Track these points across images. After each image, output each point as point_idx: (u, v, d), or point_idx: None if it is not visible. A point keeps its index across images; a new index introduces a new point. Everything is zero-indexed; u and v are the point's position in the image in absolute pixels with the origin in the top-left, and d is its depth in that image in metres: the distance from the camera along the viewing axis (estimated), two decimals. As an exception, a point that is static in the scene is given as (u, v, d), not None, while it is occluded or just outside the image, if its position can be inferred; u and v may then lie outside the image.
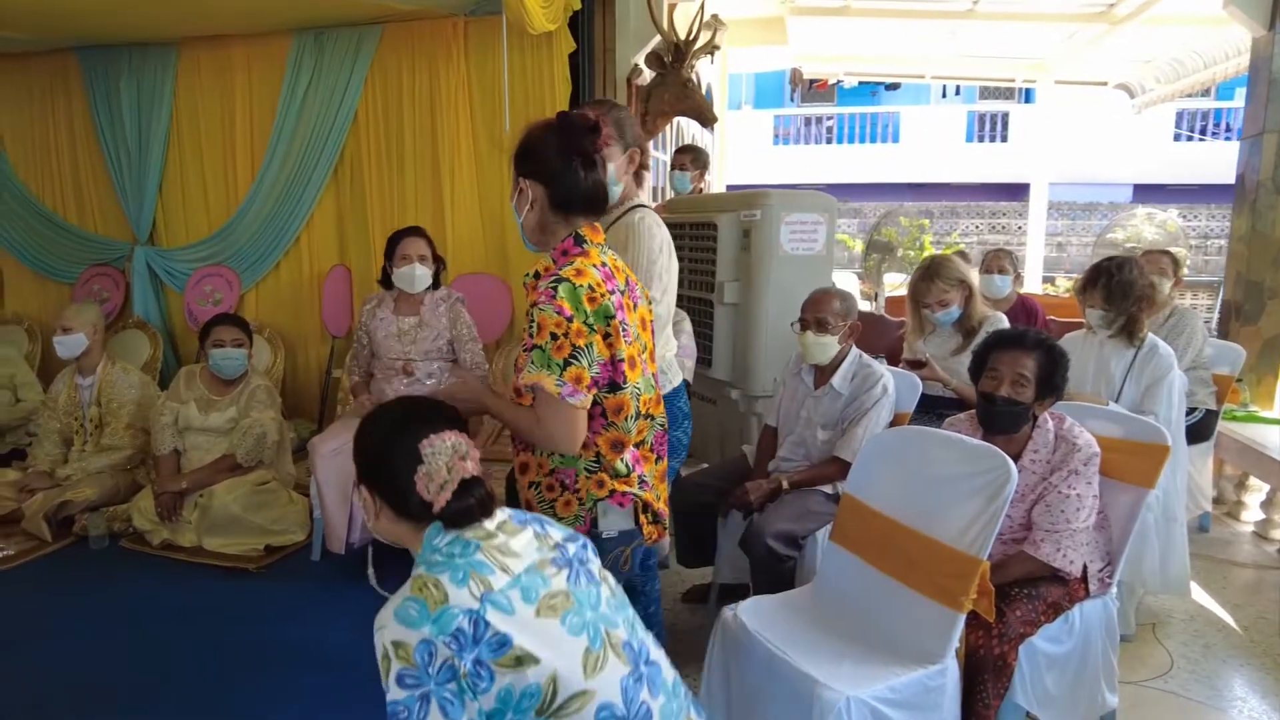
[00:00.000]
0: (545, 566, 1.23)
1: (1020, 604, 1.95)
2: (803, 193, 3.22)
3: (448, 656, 1.09)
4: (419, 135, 4.26)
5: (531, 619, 1.15)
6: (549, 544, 1.28)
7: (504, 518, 1.29)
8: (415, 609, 1.11)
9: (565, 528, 1.37)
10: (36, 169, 5.00)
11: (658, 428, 1.78)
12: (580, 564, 1.28)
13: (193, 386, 3.41)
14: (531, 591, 1.18)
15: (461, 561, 1.17)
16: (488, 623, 1.11)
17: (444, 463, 1.23)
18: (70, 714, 2.23)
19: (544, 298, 1.53)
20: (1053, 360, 2.10)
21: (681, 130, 5.53)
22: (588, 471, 1.65)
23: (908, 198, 14.95)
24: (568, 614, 1.19)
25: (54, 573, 3.10)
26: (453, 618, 1.10)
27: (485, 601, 1.13)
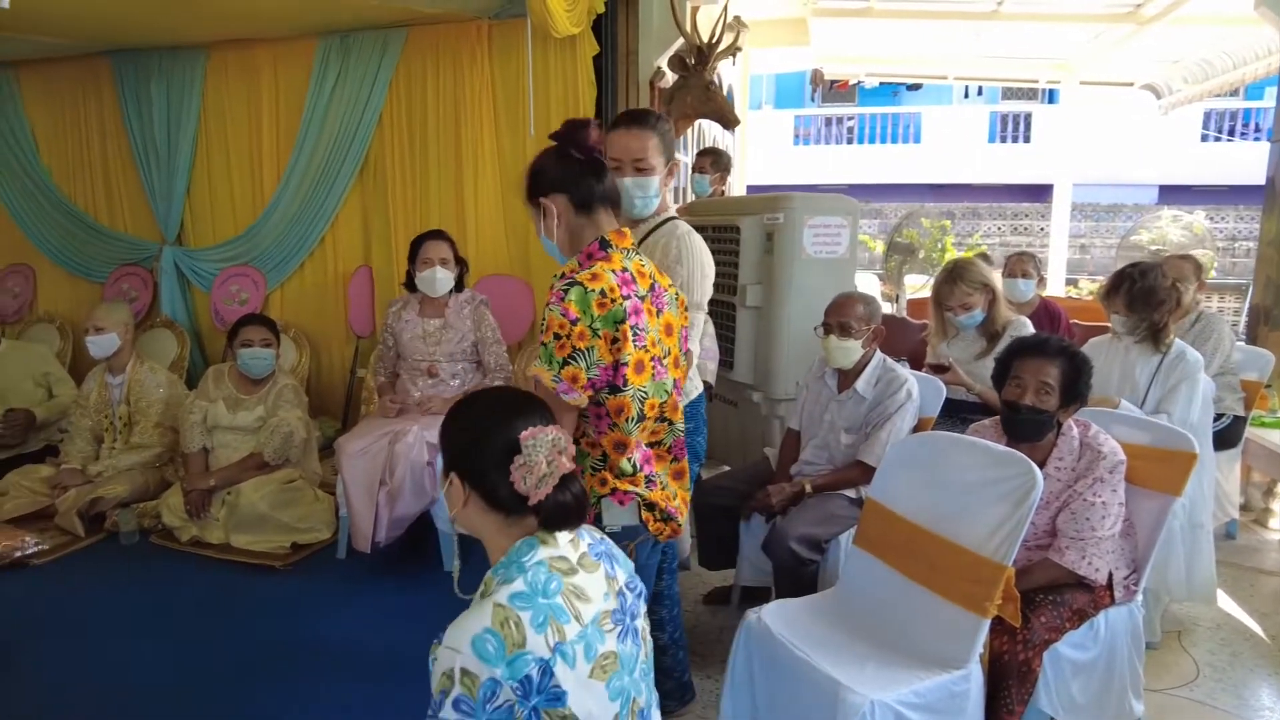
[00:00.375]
0: (605, 621, 1.24)
1: (1045, 610, 1.95)
2: (826, 196, 3.22)
3: (510, 699, 1.10)
4: (443, 138, 4.29)
5: (586, 678, 1.17)
6: (614, 588, 1.29)
7: (585, 548, 1.29)
8: (493, 646, 1.11)
9: (626, 561, 1.38)
10: (69, 171, 5.09)
11: (678, 433, 1.80)
12: (631, 619, 1.30)
13: (221, 385, 3.47)
14: (592, 650, 1.19)
15: (544, 604, 1.17)
16: (552, 674, 1.13)
17: (544, 456, 1.21)
18: (99, 706, 2.28)
19: (554, 299, 1.58)
20: (1076, 367, 2.10)
21: (703, 132, 5.53)
22: (592, 469, 1.69)
23: (929, 198, 14.85)
24: (613, 678, 1.21)
25: (86, 568, 3.16)
26: (525, 665, 1.12)
27: (557, 653, 1.14)
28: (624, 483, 1.69)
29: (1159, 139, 13.59)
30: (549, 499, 1.22)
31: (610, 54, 4.11)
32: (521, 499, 1.22)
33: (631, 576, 1.35)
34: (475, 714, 1.10)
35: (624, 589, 1.31)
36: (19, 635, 2.63)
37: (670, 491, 1.78)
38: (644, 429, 1.70)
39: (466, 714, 1.10)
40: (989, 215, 15.17)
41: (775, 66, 8.87)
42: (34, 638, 2.63)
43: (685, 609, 2.95)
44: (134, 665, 2.47)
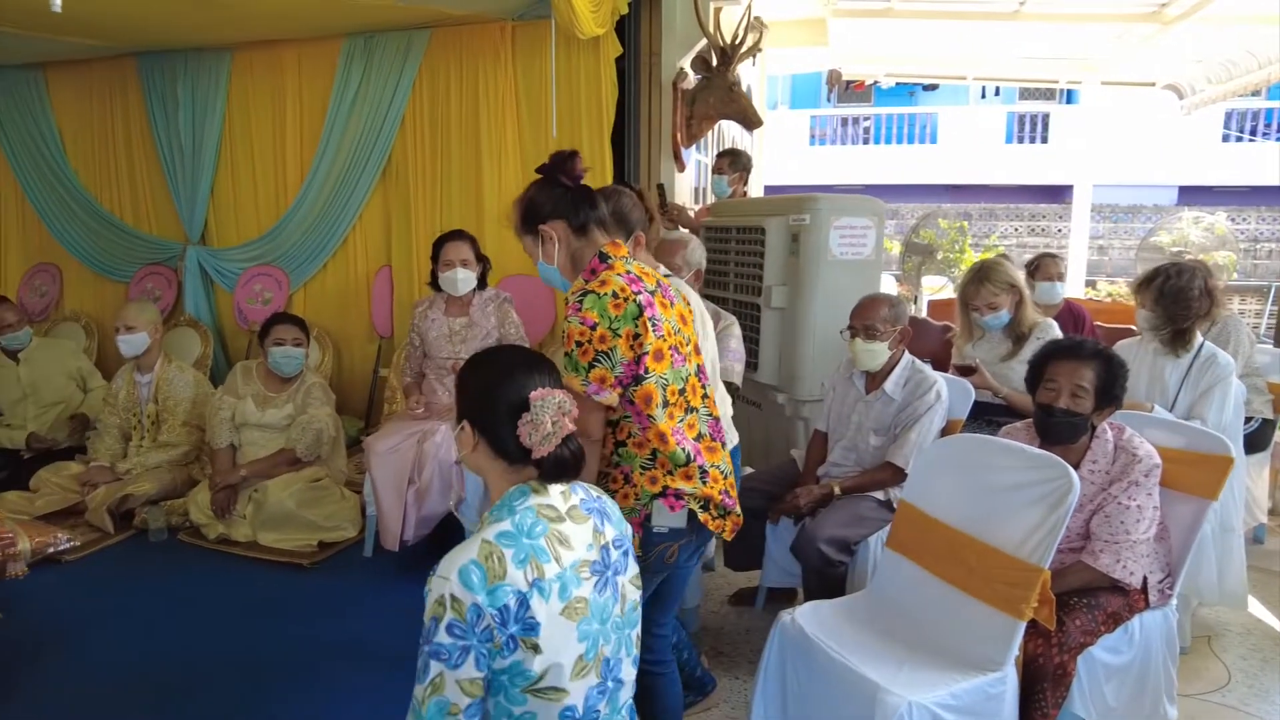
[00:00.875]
0: (583, 569, 1.34)
1: (1080, 613, 1.94)
2: (852, 197, 3.22)
3: (490, 624, 1.23)
4: (465, 138, 4.31)
5: (557, 615, 1.28)
6: (600, 542, 1.39)
7: (576, 501, 1.40)
8: (477, 576, 1.24)
9: (620, 520, 1.48)
10: (95, 171, 5.15)
11: (708, 418, 1.83)
12: (613, 575, 1.40)
13: (249, 383, 3.50)
14: (567, 591, 1.30)
15: (526, 543, 1.29)
16: (529, 606, 1.25)
17: (549, 416, 1.33)
18: (129, 699, 2.31)
19: (572, 311, 1.67)
20: (1111, 371, 2.08)
21: (723, 133, 5.53)
22: (642, 468, 1.72)
23: (945, 199, 14.79)
24: (583, 621, 1.31)
25: (117, 564, 3.20)
26: (504, 595, 1.24)
27: (534, 587, 1.26)
28: (678, 479, 1.71)
29: (1179, 139, 13.47)
30: (550, 455, 1.34)
31: (633, 55, 4.12)
32: (525, 451, 1.35)
33: (620, 536, 1.45)
34: (467, 636, 1.22)
35: (609, 545, 1.41)
36: (53, 629, 2.67)
37: (724, 485, 1.80)
38: (673, 416, 1.72)
39: (460, 637, 1.22)
40: (1006, 216, 15.09)
41: (793, 67, 8.84)
42: (67, 632, 2.66)
43: (711, 610, 2.96)
44: (163, 660, 2.50)
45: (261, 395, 3.47)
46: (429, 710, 1.23)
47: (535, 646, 1.25)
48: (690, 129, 4.25)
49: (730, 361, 2.81)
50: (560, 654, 1.27)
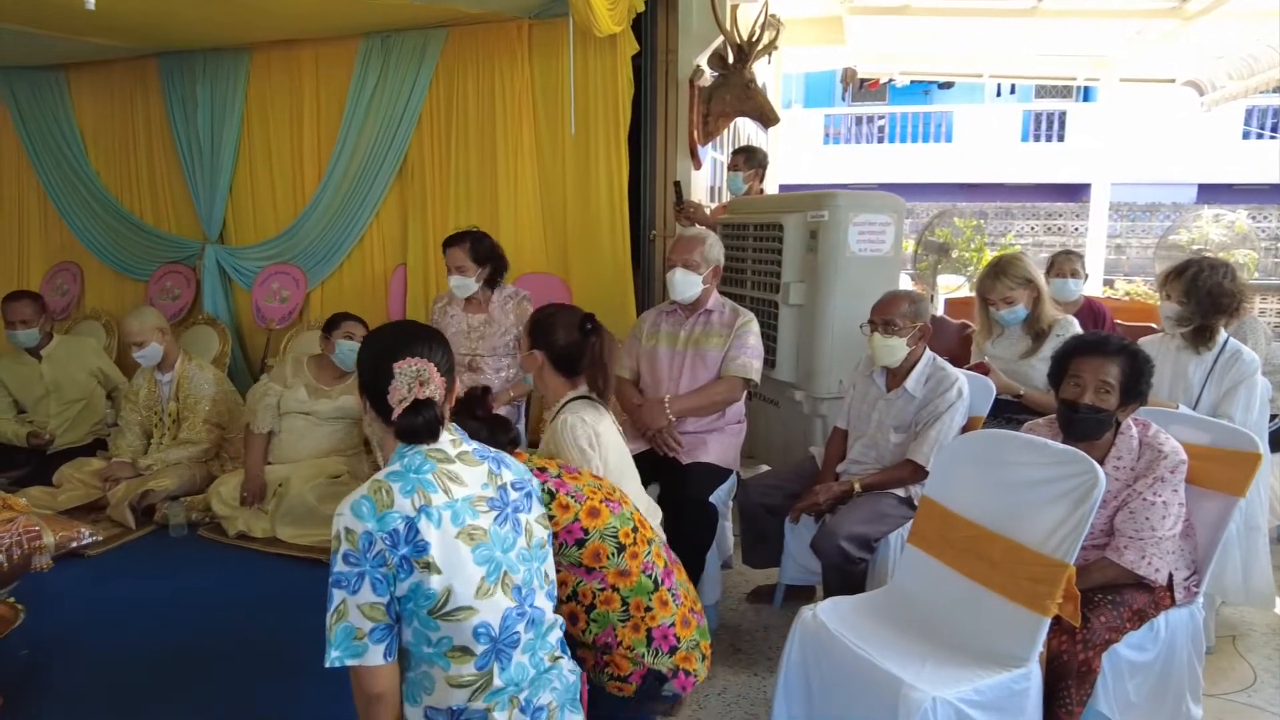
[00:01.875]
0: (479, 503, 1.47)
1: (1105, 610, 1.93)
2: (871, 193, 3.20)
3: (382, 548, 1.35)
4: (483, 137, 4.33)
5: (451, 538, 1.40)
6: (497, 482, 1.52)
7: (467, 449, 1.53)
8: (366, 506, 1.37)
9: (523, 468, 1.62)
10: (116, 170, 5.20)
11: (657, 548, 1.96)
12: (514, 511, 1.53)
13: (300, 374, 3.54)
14: (459, 518, 1.43)
15: (414, 477, 1.42)
16: (418, 529, 1.37)
17: (405, 383, 1.46)
18: (151, 690, 2.33)
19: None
20: (1137, 366, 2.06)
21: (738, 131, 5.52)
22: (621, 621, 1.84)
23: (961, 198, 14.70)
24: (479, 546, 1.44)
25: (138, 558, 3.22)
26: (392, 520, 1.37)
27: (421, 512, 1.39)
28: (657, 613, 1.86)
29: (1198, 136, 13.33)
30: (400, 419, 1.47)
31: (649, 53, 4.13)
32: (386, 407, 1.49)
33: (521, 479, 1.58)
34: (361, 563, 1.35)
35: (508, 485, 1.54)
36: (76, 622, 2.69)
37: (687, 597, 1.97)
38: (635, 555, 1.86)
39: (354, 564, 1.35)
40: (1022, 215, 14.97)
41: (809, 65, 8.82)
42: (90, 624, 2.69)
43: (729, 607, 2.96)
44: (183, 652, 2.52)
45: (313, 386, 3.51)
46: (336, 636, 1.35)
47: (429, 565, 1.37)
48: (707, 126, 4.25)
49: (748, 358, 2.80)
50: (456, 575, 1.39)
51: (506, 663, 1.46)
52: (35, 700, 2.27)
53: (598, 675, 1.85)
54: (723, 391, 2.80)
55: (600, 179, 4.11)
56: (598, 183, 4.12)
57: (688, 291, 2.84)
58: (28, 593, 2.49)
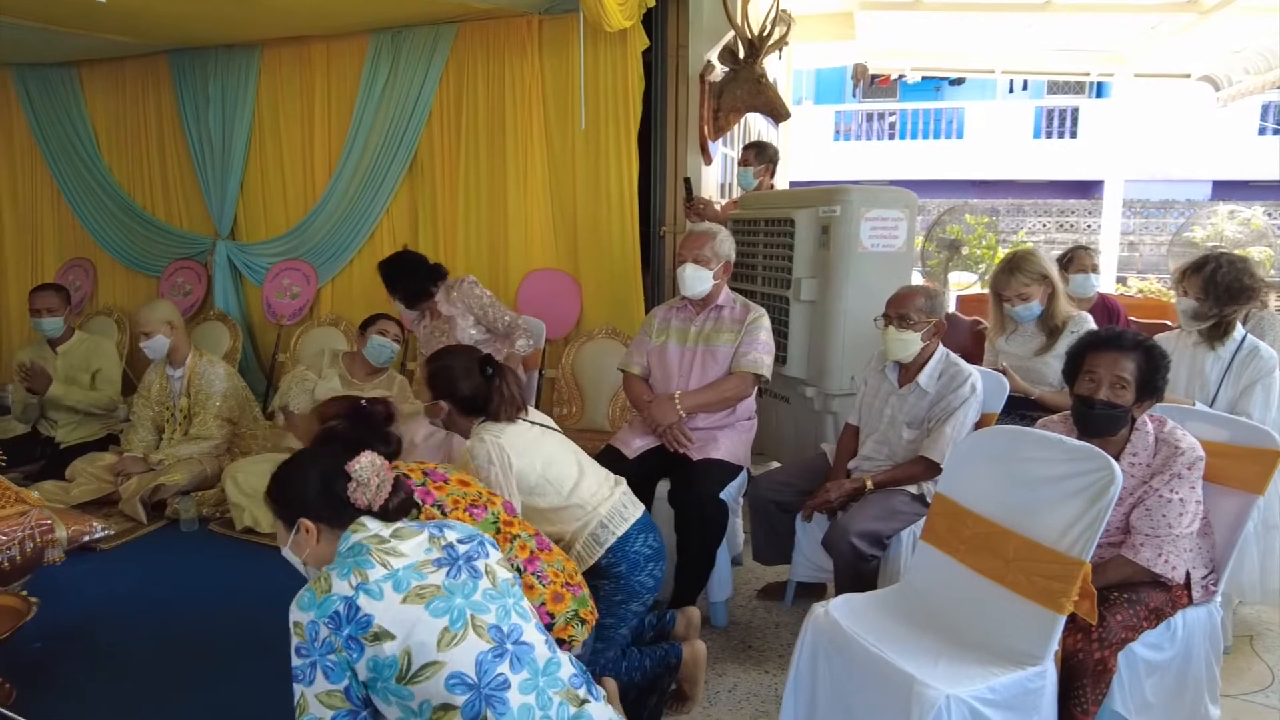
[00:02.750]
0: (425, 566, 1.48)
1: (1121, 609, 1.90)
2: (883, 189, 3.17)
3: (327, 634, 1.37)
4: (493, 133, 4.32)
5: (397, 605, 1.40)
6: (439, 544, 1.53)
7: (401, 525, 1.56)
8: (308, 597, 1.40)
9: (467, 528, 1.62)
10: (128, 167, 5.22)
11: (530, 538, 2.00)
12: (466, 561, 1.52)
13: (335, 366, 3.61)
14: (404, 583, 1.43)
15: (350, 561, 1.44)
16: (358, 607, 1.38)
17: (371, 475, 1.55)
18: (160, 681, 2.35)
19: None
20: (1153, 362, 2.04)
21: (749, 127, 5.49)
22: None
23: (972, 195, 14.63)
24: (434, 600, 1.43)
25: (150, 552, 3.24)
26: (331, 604, 1.38)
27: (359, 590, 1.39)
28: None
29: (1213, 132, 13.21)
30: (389, 501, 1.56)
31: (660, 48, 4.11)
32: (357, 510, 1.55)
33: (466, 536, 1.58)
34: (310, 653, 1.37)
35: (453, 544, 1.55)
36: (88, 614, 2.71)
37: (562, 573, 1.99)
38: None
39: (305, 656, 1.37)
40: (1034, 212, 14.88)
41: (819, 61, 8.80)
42: (102, 616, 2.71)
43: (739, 604, 2.94)
44: (194, 643, 2.54)
45: (346, 379, 3.57)
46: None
47: (378, 636, 1.37)
48: (717, 122, 4.23)
49: (759, 354, 2.79)
50: (413, 634, 1.38)
51: (502, 707, 1.39)
52: (48, 692, 2.29)
53: None
54: (733, 387, 2.79)
55: (610, 174, 4.09)
56: (607, 178, 4.10)
57: (698, 287, 2.82)
58: (41, 586, 2.51)
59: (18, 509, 2.32)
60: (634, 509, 2.30)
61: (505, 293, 4.34)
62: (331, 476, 1.55)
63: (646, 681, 2.15)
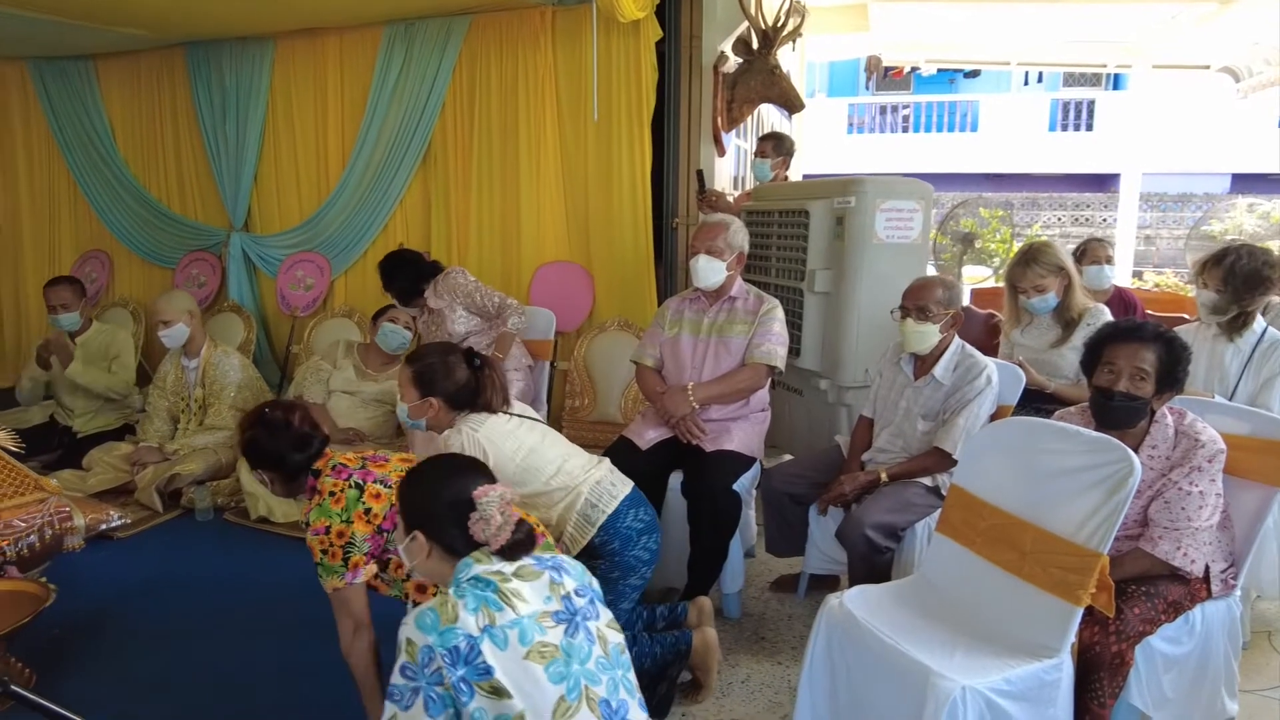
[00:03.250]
0: (545, 619, 1.39)
1: (1139, 602, 1.89)
2: (899, 179, 3.15)
3: (439, 666, 1.28)
4: (506, 124, 4.31)
5: (519, 660, 1.32)
6: (559, 593, 1.45)
7: (525, 561, 1.47)
8: (430, 619, 1.32)
9: (581, 572, 1.54)
10: (144, 160, 5.25)
11: None
12: (582, 620, 1.44)
13: (350, 356, 3.67)
14: (527, 636, 1.34)
15: (478, 595, 1.36)
16: (480, 651, 1.30)
17: (496, 509, 1.44)
18: (176, 666, 2.37)
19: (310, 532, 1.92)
20: (1174, 354, 2.01)
21: (762, 119, 5.47)
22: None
23: (986, 188, 14.53)
24: (554, 663, 1.34)
25: (166, 541, 3.27)
26: (454, 637, 1.30)
27: (485, 633, 1.31)
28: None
29: (1232, 125, 13.05)
30: (509, 540, 1.45)
31: (673, 38, 4.09)
32: (473, 543, 1.45)
33: (583, 585, 1.51)
34: (417, 678, 1.29)
35: (571, 594, 1.46)
36: (106, 600, 2.74)
37: None
38: None
39: (410, 678, 1.29)
40: (1049, 206, 14.77)
41: (832, 54, 8.73)
42: (119, 603, 2.74)
43: (752, 595, 2.94)
44: (209, 630, 2.57)
45: (361, 370, 3.62)
46: None
47: (497, 690, 1.28)
48: (731, 113, 4.21)
49: (773, 345, 2.77)
50: (534, 697, 1.30)
51: None
52: (66, 676, 2.31)
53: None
54: (746, 379, 2.78)
55: (623, 166, 4.08)
56: (620, 170, 4.09)
57: (711, 278, 2.81)
58: (60, 573, 2.53)
59: (37, 496, 2.35)
60: (622, 486, 2.30)
61: (518, 285, 4.34)
62: (456, 500, 1.46)
63: (657, 669, 2.16)
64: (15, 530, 2.27)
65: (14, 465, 2.40)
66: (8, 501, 2.29)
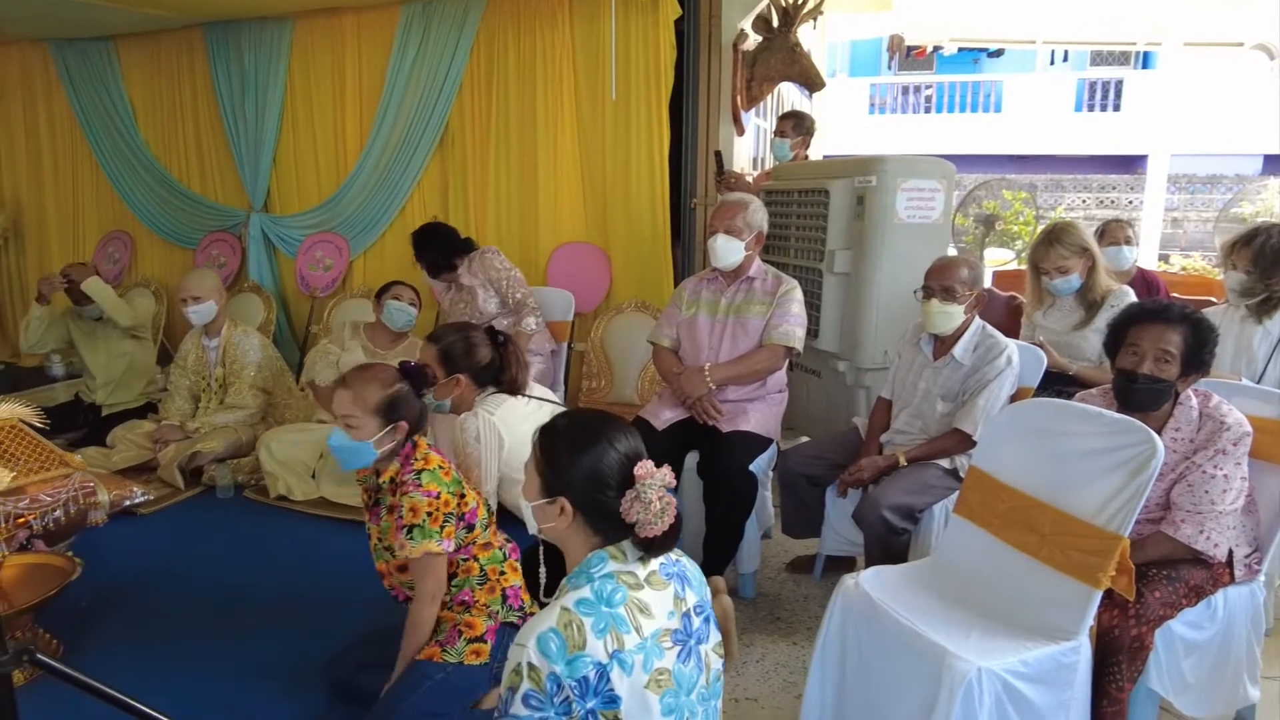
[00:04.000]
0: (665, 639, 1.28)
1: (1160, 585, 1.87)
2: (920, 158, 3.11)
3: (568, 696, 1.18)
4: (523, 104, 4.29)
5: (640, 688, 1.22)
6: (681, 609, 1.33)
7: (654, 567, 1.33)
8: (555, 645, 1.19)
9: (700, 584, 1.41)
10: (164, 140, 5.28)
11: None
12: (696, 643, 1.33)
13: (357, 337, 3.65)
14: (650, 662, 1.24)
15: (606, 612, 1.23)
16: (609, 679, 1.19)
17: (655, 494, 1.27)
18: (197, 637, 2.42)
19: (412, 487, 1.89)
20: (1200, 335, 1.98)
21: (782, 98, 5.40)
22: (478, 584, 2.02)
23: (1010, 170, 14.30)
24: (667, 693, 1.25)
25: (187, 517, 3.32)
26: (584, 666, 1.18)
27: (614, 659, 1.20)
28: (509, 575, 2.02)
29: (1265, 104, 12.73)
30: (660, 536, 1.28)
31: (692, 16, 4.04)
32: (624, 526, 1.28)
33: (701, 601, 1.38)
34: (544, 708, 1.17)
35: (690, 611, 1.34)
36: (130, 574, 2.79)
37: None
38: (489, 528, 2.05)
39: (536, 708, 1.17)
40: (1073, 187, 14.52)
41: (854, 33, 8.59)
42: (143, 576, 2.78)
43: (767, 576, 2.94)
44: (230, 602, 2.61)
45: (370, 350, 3.61)
46: None
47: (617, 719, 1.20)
48: (750, 92, 4.16)
49: (791, 326, 2.76)
50: None
51: None
52: (92, 647, 2.36)
53: (457, 650, 1.91)
54: (764, 360, 2.76)
55: (641, 145, 4.05)
56: (638, 149, 4.07)
57: (729, 258, 2.79)
58: (85, 547, 2.58)
59: (62, 472, 2.38)
60: None
61: (535, 265, 4.33)
62: (612, 473, 1.29)
63: None
64: (42, 504, 2.30)
65: (40, 441, 2.43)
66: (34, 476, 2.31)
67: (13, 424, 2.34)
